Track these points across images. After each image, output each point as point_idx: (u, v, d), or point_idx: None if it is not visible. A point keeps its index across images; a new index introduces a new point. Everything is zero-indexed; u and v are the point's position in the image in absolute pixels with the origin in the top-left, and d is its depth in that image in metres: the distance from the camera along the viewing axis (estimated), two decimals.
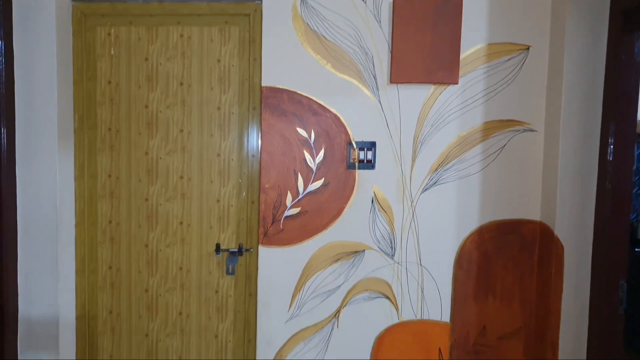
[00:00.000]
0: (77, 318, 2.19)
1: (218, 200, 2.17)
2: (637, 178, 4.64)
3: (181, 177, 2.16)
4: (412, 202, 2.12)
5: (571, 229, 1.97)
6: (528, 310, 2.13)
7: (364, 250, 2.14)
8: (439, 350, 2.15)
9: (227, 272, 2.18)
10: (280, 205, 2.13)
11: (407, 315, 2.15)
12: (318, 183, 2.13)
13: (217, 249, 2.17)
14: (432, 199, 2.12)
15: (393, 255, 2.14)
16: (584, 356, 1.95)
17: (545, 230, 2.05)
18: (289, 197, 2.13)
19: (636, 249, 4.25)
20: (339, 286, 2.15)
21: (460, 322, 2.15)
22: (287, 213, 2.13)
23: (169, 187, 2.16)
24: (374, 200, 2.12)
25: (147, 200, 2.16)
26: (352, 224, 2.13)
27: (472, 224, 2.12)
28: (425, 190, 2.12)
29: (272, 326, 2.16)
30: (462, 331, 2.15)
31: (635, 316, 3.53)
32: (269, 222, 2.13)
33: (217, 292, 2.19)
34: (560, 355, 1.97)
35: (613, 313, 1.85)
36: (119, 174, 2.15)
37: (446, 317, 2.15)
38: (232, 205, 2.17)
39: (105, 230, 2.16)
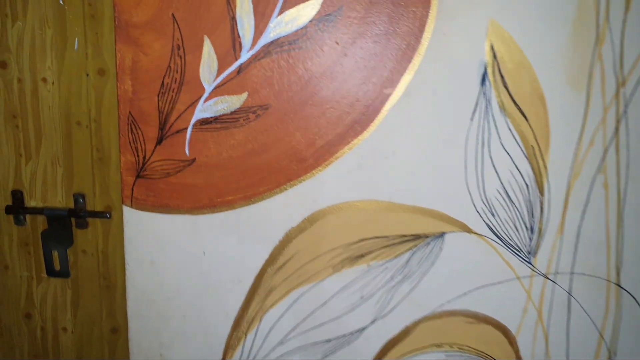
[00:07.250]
0: None
1: None
2: None
3: None
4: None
5: None
6: None
7: (442, 234, 0.68)
8: None
9: (49, 273, 0.78)
10: (178, 89, 0.66)
11: None
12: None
13: (12, 208, 0.75)
14: None
15: (533, 253, 0.68)
16: None
17: None
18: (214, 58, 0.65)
19: None
20: (363, 329, 0.74)
21: None
22: (201, 113, 0.67)
23: None
24: (491, 60, 0.63)
25: None
26: (395, 144, 0.67)
27: None
28: None
29: None
30: None
31: None
32: (151, 132, 0.68)
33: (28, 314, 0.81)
34: None
35: None
36: None
37: None
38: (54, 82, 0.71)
39: None
